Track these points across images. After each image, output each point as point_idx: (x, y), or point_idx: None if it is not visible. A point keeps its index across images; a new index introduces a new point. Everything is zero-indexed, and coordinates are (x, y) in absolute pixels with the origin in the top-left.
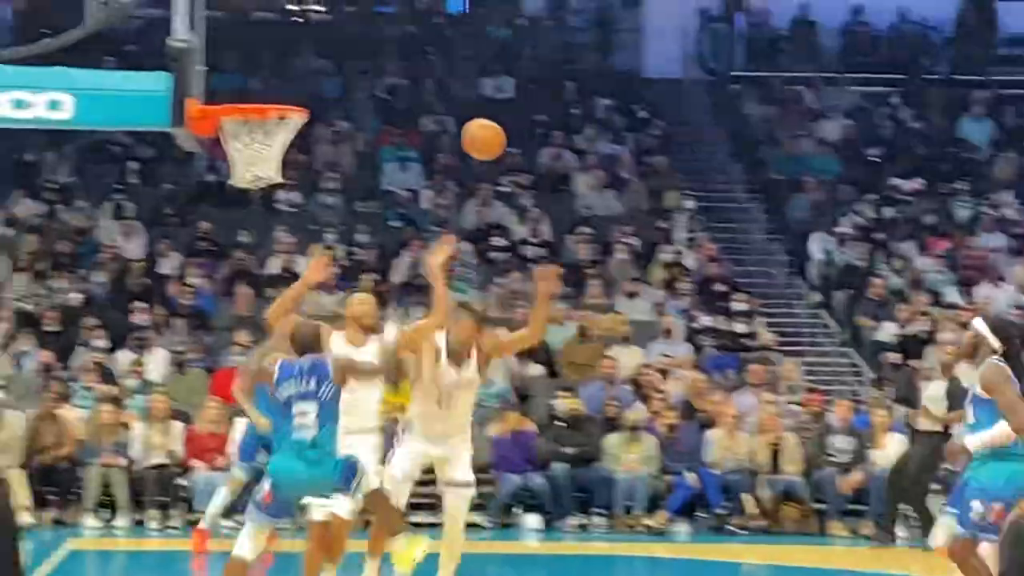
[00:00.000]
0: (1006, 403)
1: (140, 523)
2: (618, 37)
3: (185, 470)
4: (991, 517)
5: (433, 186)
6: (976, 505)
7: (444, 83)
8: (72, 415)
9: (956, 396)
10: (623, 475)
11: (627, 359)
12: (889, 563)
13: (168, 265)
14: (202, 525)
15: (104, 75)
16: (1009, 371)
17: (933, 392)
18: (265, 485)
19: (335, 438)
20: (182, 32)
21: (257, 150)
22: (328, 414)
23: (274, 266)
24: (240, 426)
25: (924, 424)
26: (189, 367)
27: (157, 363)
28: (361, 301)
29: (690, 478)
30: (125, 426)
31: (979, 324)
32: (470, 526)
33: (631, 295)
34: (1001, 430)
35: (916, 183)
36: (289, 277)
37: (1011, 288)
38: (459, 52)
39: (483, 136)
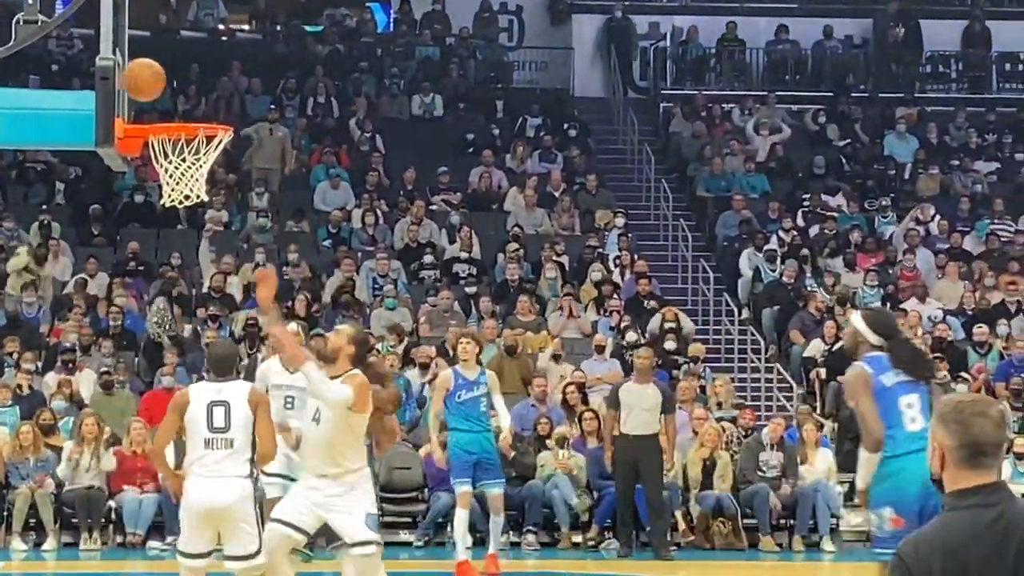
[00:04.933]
0: (861, 412)
1: (68, 545)
2: (547, 55)
3: (113, 492)
4: (886, 526)
5: (363, 205)
6: (872, 516)
7: (373, 102)
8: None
9: None
10: (555, 493)
11: (559, 377)
12: None
13: (96, 285)
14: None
15: (28, 94)
16: (868, 375)
17: None
18: None
19: None
20: (108, 51)
21: (185, 169)
22: None
23: (203, 286)
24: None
25: None
26: (118, 388)
27: (85, 384)
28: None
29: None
30: (53, 448)
31: (856, 320)
32: (402, 544)
33: (562, 313)
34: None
35: (843, 200)
36: (219, 297)
37: (937, 303)
38: (388, 71)
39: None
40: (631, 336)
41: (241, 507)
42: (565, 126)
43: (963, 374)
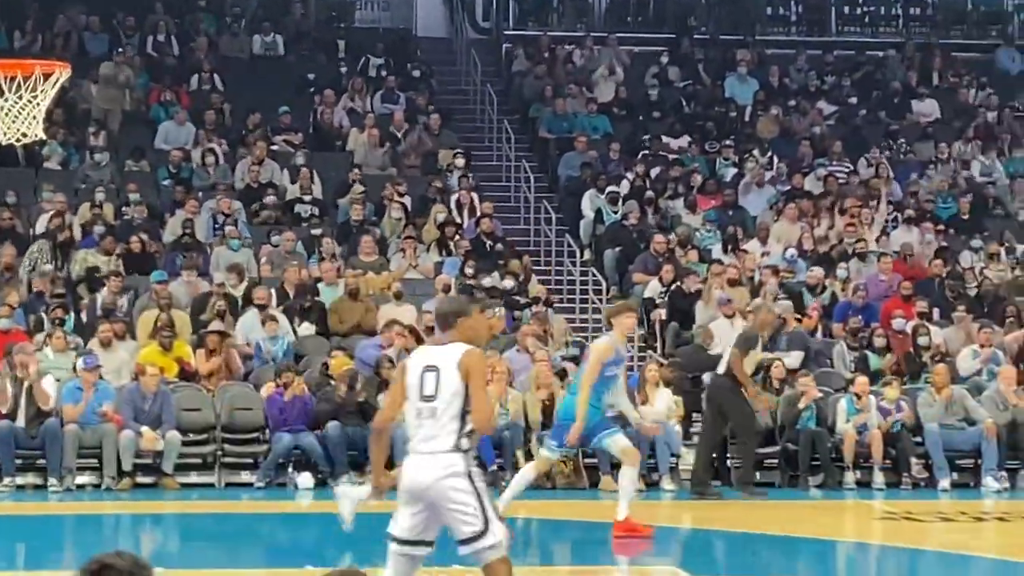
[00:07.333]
0: None
1: None
2: None
3: None
4: None
5: (203, 144)
6: None
7: (213, 40)
8: None
9: None
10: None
11: (401, 318)
12: (656, 514)
13: None
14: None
15: None
16: None
17: None
18: None
19: None
20: None
21: (22, 107)
22: None
23: (41, 225)
24: None
25: None
26: None
27: None
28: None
29: None
30: None
31: None
32: (243, 485)
33: (405, 253)
34: None
35: (684, 141)
36: (57, 237)
37: (776, 245)
38: (228, 9)
39: None
40: (487, 282)
41: (445, 486)
42: (408, 66)
43: (796, 315)
